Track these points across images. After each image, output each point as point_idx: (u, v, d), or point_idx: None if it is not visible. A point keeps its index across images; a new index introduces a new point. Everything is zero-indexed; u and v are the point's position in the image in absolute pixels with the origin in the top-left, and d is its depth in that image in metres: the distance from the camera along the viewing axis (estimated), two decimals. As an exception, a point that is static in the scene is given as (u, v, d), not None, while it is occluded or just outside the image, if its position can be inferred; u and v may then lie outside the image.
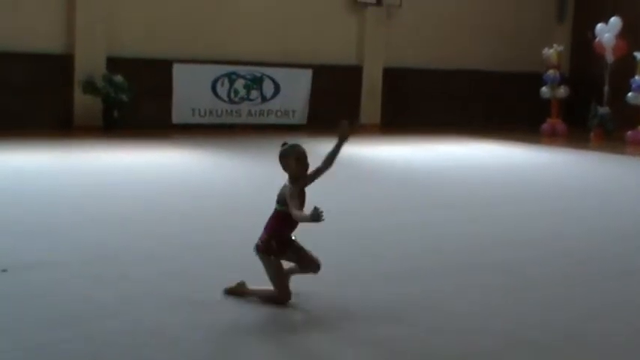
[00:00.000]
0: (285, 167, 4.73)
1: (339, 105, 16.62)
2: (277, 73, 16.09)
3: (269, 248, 4.70)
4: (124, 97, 13.97)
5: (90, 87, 13.88)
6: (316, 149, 5.13)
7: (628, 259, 6.28)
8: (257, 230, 6.64)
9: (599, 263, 6.08)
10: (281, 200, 4.74)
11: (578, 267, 5.90)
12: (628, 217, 8.08)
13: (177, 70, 15.01)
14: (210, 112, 15.52)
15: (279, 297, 4.64)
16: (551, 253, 6.33)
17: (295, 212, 4.55)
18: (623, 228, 7.52)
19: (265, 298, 4.69)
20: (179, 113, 15.15)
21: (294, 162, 4.68)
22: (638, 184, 10.89)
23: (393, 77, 17.29)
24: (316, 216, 4.35)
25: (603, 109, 16.40)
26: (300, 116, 16.32)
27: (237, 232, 6.61)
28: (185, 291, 4.85)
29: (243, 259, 5.62)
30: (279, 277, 4.69)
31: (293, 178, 4.70)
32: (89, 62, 14.15)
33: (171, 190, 8.70)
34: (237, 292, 4.77)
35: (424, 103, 17.75)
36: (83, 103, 14.10)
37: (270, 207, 4.76)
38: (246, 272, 5.16)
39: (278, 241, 4.69)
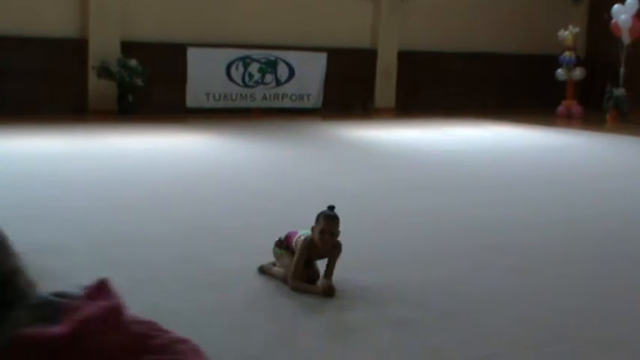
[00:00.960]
0: (312, 228, 4.69)
1: (354, 89, 16.62)
2: (292, 56, 16.06)
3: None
4: (139, 82, 13.99)
5: (104, 71, 13.91)
6: (331, 133, 5.09)
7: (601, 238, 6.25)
8: (270, 213, 6.68)
9: (616, 245, 6.05)
10: (286, 246, 4.77)
11: (595, 249, 5.88)
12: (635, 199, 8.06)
13: (191, 54, 15.01)
14: (225, 97, 15.52)
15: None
16: (566, 235, 6.31)
17: (292, 283, 4.58)
18: (631, 210, 7.49)
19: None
20: (193, 97, 15.16)
21: (318, 232, 4.62)
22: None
23: (408, 60, 17.22)
24: (328, 291, 4.47)
25: (619, 91, 16.29)
26: (314, 100, 16.30)
27: (252, 215, 6.64)
28: (199, 275, 4.87)
29: (256, 243, 5.65)
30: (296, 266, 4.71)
31: (310, 242, 4.65)
32: (103, 47, 14.17)
33: (186, 174, 8.72)
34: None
35: (439, 87, 17.68)
36: (97, 87, 14.13)
37: (284, 190, 4.75)
38: (261, 255, 5.18)
39: None
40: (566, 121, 16.70)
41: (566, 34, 17.41)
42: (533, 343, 3.94)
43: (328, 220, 4.63)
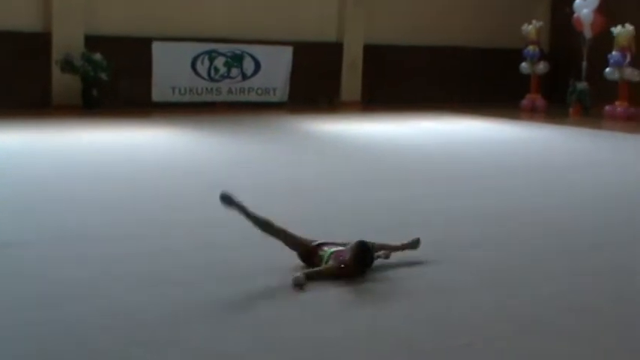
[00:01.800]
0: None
1: (320, 82, 16.64)
2: (258, 50, 16.04)
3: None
4: (104, 76, 13.90)
5: (68, 66, 13.79)
6: (297, 126, 5.11)
7: (605, 230, 6.35)
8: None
9: (577, 235, 6.14)
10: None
11: (557, 239, 5.97)
12: (603, 190, 8.17)
13: (156, 48, 14.94)
14: (191, 91, 15.47)
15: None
16: (530, 225, 6.39)
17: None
18: (599, 200, 7.60)
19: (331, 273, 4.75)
20: (159, 91, 15.09)
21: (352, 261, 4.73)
22: (614, 158, 10.99)
23: (374, 54, 17.27)
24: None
25: (581, 85, 16.49)
26: (280, 94, 16.30)
27: (217, 209, 6.64)
28: (164, 269, 4.87)
29: (223, 237, 5.67)
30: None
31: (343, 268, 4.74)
32: (67, 40, 14.05)
33: (151, 168, 8.70)
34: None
35: (404, 80, 17.74)
36: (61, 82, 14.01)
37: (249, 184, 4.77)
38: (228, 250, 5.21)
39: None
40: (530, 114, 16.88)
41: (530, 28, 17.59)
42: (506, 333, 3.99)
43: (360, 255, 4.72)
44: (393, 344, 3.78)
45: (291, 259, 5.05)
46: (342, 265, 4.72)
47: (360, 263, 4.75)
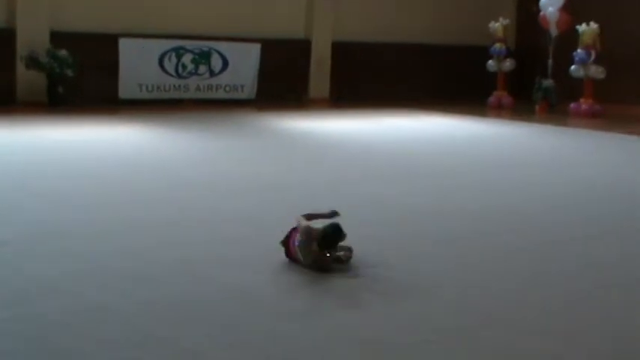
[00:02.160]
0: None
1: (288, 79, 16.65)
2: (225, 47, 16.00)
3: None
4: (69, 73, 13.79)
5: (33, 62, 13.66)
6: (265, 124, 5.12)
7: (569, 226, 6.41)
8: (202, 204, 6.68)
9: (541, 231, 6.20)
10: None
11: (518, 234, 6.02)
12: (568, 186, 8.26)
13: (123, 44, 14.85)
14: (158, 88, 15.39)
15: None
16: (493, 222, 6.44)
17: None
18: (564, 196, 7.69)
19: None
20: (126, 88, 15.00)
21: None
22: (579, 154, 11.12)
23: (342, 51, 17.30)
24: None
25: (547, 82, 16.64)
26: (249, 91, 16.27)
27: (183, 207, 6.63)
28: (131, 267, 4.86)
29: (189, 235, 5.67)
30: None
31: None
32: (32, 36, 13.91)
33: (118, 166, 8.65)
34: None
35: (373, 77, 17.79)
36: (26, 78, 13.87)
37: (216, 182, 4.77)
38: (191, 247, 5.20)
39: None
40: (497, 111, 17.01)
41: (497, 26, 17.72)
42: (462, 329, 4.02)
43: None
44: (352, 342, 3.79)
45: (257, 256, 5.06)
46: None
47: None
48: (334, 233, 4.84)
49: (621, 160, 10.51)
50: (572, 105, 16.07)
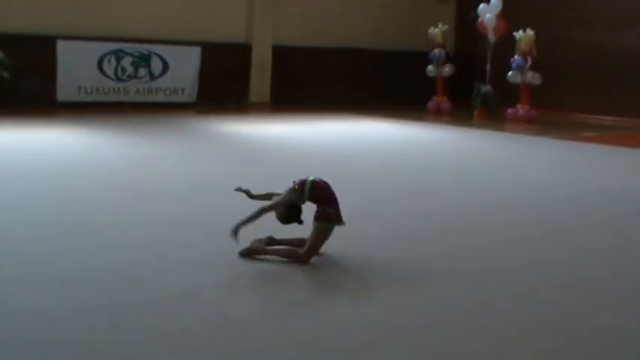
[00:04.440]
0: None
1: (229, 83, 16.63)
2: (165, 50, 15.94)
3: (329, 216, 5.14)
4: (6, 75, 13.58)
5: (-32, 64, 13.43)
6: (205, 128, 5.11)
7: (506, 230, 6.52)
8: (138, 208, 6.64)
9: (486, 232, 6.28)
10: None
11: (455, 237, 6.11)
12: (507, 189, 8.41)
13: (61, 46, 14.69)
14: (97, 90, 15.26)
15: (305, 257, 5.07)
16: (431, 224, 6.52)
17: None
18: (504, 199, 7.82)
19: (286, 256, 5.12)
20: (64, 91, 14.84)
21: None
22: (516, 158, 11.31)
23: (282, 55, 17.35)
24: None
25: (485, 88, 16.91)
26: (189, 94, 16.23)
27: (119, 211, 6.58)
28: (66, 272, 4.81)
29: (124, 239, 5.63)
30: (322, 243, 5.15)
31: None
32: (-33, 38, 13.68)
33: (54, 170, 8.55)
34: (254, 252, 5.13)
35: (313, 82, 17.89)
36: (-39, 80, 13.63)
37: (153, 185, 4.75)
38: (129, 250, 5.16)
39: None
40: (436, 116, 17.22)
41: (436, 31, 17.95)
42: (410, 330, 4.06)
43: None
44: (297, 346, 3.82)
45: (196, 258, 5.06)
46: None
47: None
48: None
49: (557, 164, 10.74)
50: (509, 110, 16.36)
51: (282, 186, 5.39)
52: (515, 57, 16.14)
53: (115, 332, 3.88)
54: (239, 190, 5.33)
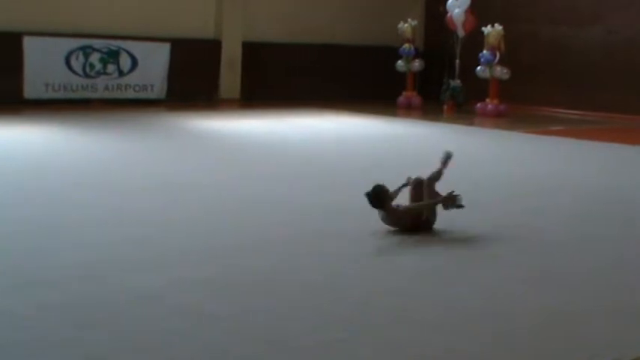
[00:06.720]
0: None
1: (198, 79, 16.57)
2: (134, 46, 15.84)
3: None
4: (-29, 72, 13.43)
5: None
6: (175, 124, 5.08)
7: (487, 222, 6.56)
8: (108, 205, 6.60)
9: (463, 227, 6.32)
10: None
11: (426, 235, 6.14)
12: (479, 183, 8.45)
13: (28, 43, 14.55)
14: (65, 87, 15.13)
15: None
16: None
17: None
18: (477, 192, 7.84)
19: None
20: (31, 88, 14.70)
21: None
22: (486, 152, 11.38)
23: (252, 51, 17.31)
24: None
25: (455, 82, 17.00)
26: (158, 91, 16.14)
27: (89, 208, 6.54)
28: (35, 271, 4.77)
29: (94, 237, 5.59)
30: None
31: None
32: None
33: (22, 168, 8.47)
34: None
35: (283, 78, 17.86)
36: None
37: (122, 182, 4.72)
38: (93, 248, 5.14)
39: None
40: (406, 111, 17.27)
41: (406, 26, 17.99)
42: (372, 326, 4.06)
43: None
44: (263, 341, 3.82)
45: (161, 256, 5.04)
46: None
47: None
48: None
49: (526, 158, 10.82)
50: (478, 105, 16.45)
51: (254, 182, 5.37)
52: (484, 52, 16.22)
53: (80, 331, 3.86)
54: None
